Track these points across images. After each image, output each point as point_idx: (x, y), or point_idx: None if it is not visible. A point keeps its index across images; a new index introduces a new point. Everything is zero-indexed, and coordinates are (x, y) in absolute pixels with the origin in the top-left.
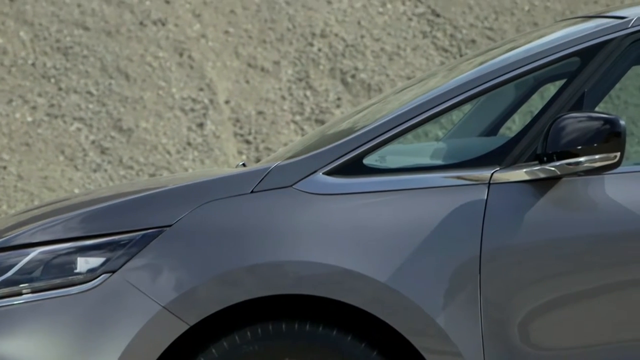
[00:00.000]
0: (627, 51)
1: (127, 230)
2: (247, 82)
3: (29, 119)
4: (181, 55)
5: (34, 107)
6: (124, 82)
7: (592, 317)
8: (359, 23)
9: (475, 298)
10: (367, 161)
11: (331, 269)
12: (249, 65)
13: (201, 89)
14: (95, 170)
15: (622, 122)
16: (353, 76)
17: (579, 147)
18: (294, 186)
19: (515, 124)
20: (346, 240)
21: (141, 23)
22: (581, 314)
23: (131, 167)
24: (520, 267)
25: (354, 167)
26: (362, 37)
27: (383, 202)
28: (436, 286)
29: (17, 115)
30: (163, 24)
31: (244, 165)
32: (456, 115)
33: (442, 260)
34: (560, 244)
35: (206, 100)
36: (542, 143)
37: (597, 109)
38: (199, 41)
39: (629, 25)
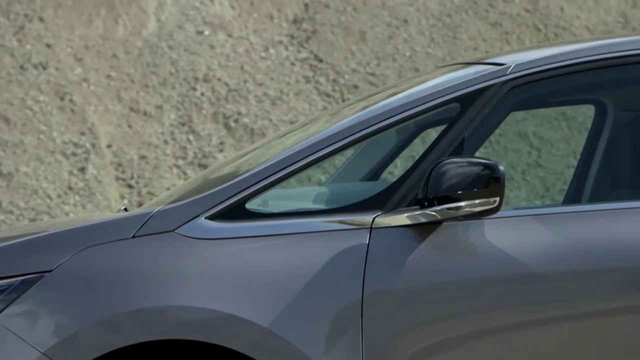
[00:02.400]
0: (505, 97)
1: (5, 275)
2: (130, 126)
3: None
4: (62, 99)
5: None
6: (4, 125)
7: None
8: (242, 68)
9: (357, 342)
10: (249, 206)
11: (213, 314)
12: (131, 109)
13: (83, 133)
14: None
15: (502, 168)
16: (236, 120)
17: (460, 192)
18: (175, 231)
19: (397, 169)
20: (229, 285)
21: (21, 67)
22: (462, 358)
23: (11, 212)
24: (401, 312)
25: (237, 212)
26: (245, 81)
27: (266, 247)
28: (319, 330)
29: None
30: (44, 68)
31: (125, 209)
32: (339, 160)
33: (324, 305)
34: (441, 288)
35: (88, 145)
36: (423, 188)
37: (477, 154)
38: (80, 85)
39: (508, 72)
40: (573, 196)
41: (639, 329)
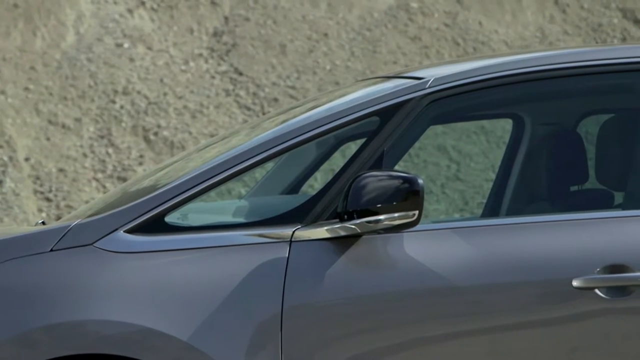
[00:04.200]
0: (424, 111)
1: None
2: (48, 139)
3: None
4: None
5: None
6: None
7: None
8: (161, 80)
9: (276, 356)
10: (169, 219)
11: (132, 328)
12: (50, 122)
13: (0, 146)
14: None
15: (421, 181)
16: (156, 134)
17: (379, 205)
18: (94, 244)
19: (317, 182)
20: (148, 299)
21: None
22: None
23: None
24: (321, 325)
25: (156, 225)
26: (165, 94)
27: (185, 260)
28: (239, 344)
29: None
30: None
31: (43, 223)
32: (259, 173)
33: (244, 318)
34: (360, 301)
35: (5, 158)
36: (343, 201)
37: (396, 167)
38: None
39: (427, 86)
40: (491, 209)
41: (556, 341)
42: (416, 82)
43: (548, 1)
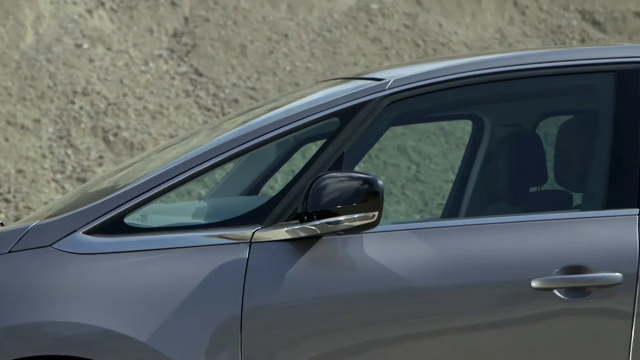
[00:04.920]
0: (385, 112)
1: None
2: (7, 140)
3: None
4: None
5: None
6: None
7: None
8: (121, 82)
9: (236, 357)
10: (128, 220)
11: (91, 330)
12: (9, 123)
13: None
14: None
15: (381, 182)
16: (115, 135)
17: (339, 207)
18: (53, 246)
19: (277, 184)
20: (107, 301)
21: None
22: None
23: None
24: (281, 326)
25: (115, 227)
26: (125, 95)
27: (144, 262)
28: (198, 346)
29: None
30: None
31: (2, 224)
32: (219, 174)
33: (204, 320)
34: (320, 303)
35: None
36: (303, 202)
37: (356, 169)
38: None
39: (387, 87)
40: (451, 211)
41: (515, 342)
42: (376, 83)
43: (507, 3)
